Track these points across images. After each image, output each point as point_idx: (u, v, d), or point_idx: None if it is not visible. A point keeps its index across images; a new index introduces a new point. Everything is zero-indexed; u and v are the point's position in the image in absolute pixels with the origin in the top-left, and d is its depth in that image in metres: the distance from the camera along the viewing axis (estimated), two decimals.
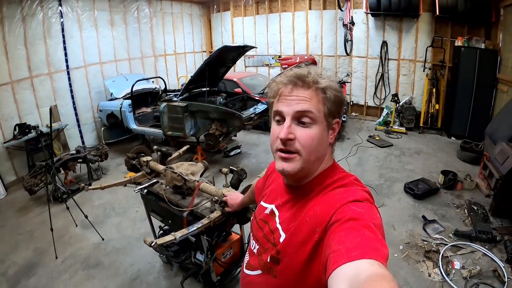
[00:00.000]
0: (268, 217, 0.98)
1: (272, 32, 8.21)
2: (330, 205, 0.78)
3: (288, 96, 0.84)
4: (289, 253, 0.84)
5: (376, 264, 0.58)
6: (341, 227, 0.70)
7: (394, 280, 0.54)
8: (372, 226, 0.69)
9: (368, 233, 0.66)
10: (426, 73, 6.19)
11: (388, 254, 0.64)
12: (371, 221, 0.70)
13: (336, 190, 0.84)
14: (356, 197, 0.78)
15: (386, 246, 0.66)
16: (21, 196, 4.43)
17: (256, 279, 0.96)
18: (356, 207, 0.75)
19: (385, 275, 0.55)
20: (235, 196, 1.73)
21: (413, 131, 6.34)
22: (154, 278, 2.87)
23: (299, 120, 0.83)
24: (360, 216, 0.71)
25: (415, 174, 4.50)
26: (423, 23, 6.10)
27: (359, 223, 0.69)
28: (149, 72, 7.54)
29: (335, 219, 0.74)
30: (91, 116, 6.42)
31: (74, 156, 4.65)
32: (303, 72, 0.85)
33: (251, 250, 1.04)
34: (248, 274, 1.01)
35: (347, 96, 7.38)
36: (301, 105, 0.82)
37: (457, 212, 3.57)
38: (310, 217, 0.82)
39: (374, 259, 0.59)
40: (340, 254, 0.62)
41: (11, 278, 3.00)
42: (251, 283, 0.99)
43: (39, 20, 5.20)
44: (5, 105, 4.85)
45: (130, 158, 2.76)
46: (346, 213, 0.73)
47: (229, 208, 1.73)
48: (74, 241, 3.51)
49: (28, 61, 5.10)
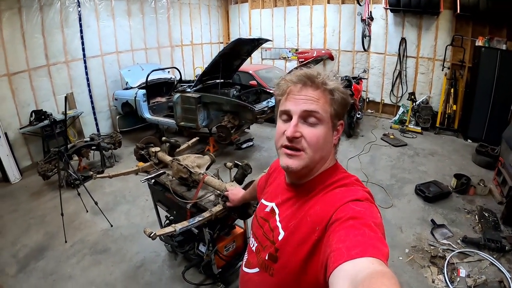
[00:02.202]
0: (269, 215, 0.98)
1: (289, 25, 8.11)
2: (331, 204, 0.79)
3: (297, 95, 0.85)
4: (288, 252, 0.84)
5: (377, 262, 0.58)
6: (341, 226, 0.70)
7: (395, 277, 0.54)
8: (373, 225, 0.69)
9: (368, 232, 0.66)
10: (445, 73, 5.99)
11: (389, 252, 0.65)
12: (372, 220, 0.71)
13: (337, 190, 0.84)
14: (357, 196, 0.79)
15: (386, 245, 0.66)
16: (35, 181, 4.57)
17: (253, 277, 0.97)
18: (356, 206, 0.75)
19: (385, 273, 0.55)
20: (237, 191, 1.73)
21: (429, 132, 6.18)
22: (158, 266, 2.93)
23: (306, 119, 0.84)
24: (361, 215, 0.71)
25: (428, 176, 4.39)
26: (443, 21, 5.89)
27: (360, 221, 0.69)
28: (165, 62, 7.58)
29: (335, 218, 0.74)
30: (106, 104, 6.54)
31: (88, 143, 4.75)
32: (313, 72, 0.86)
33: (250, 248, 1.05)
34: (246, 272, 1.02)
35: (363, 92, 7.24)
36: (308, 104, 0.83)
37: (467, 217, 3.47)
38: (311, 216, 0.82)
39: (374, 257, 0.59)
40: (341, 253, 0.62)
41: (21, 260, 3.11)
42: (249, 281, 1.00)
43: (57, 9, 5.30)
44: (22, 92, 4.99)
45: (139, 148, 2.81)
46: (347, 212, 0.73)
47: (230, 203, 1.73)
48: (84, 227, 3.61)
49: (45, 49, 5.22)
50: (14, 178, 4.72)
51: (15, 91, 4.88)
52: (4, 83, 4.75)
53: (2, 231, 3.62)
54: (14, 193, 4.47)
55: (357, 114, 5.98)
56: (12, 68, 4.81)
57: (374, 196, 0.88)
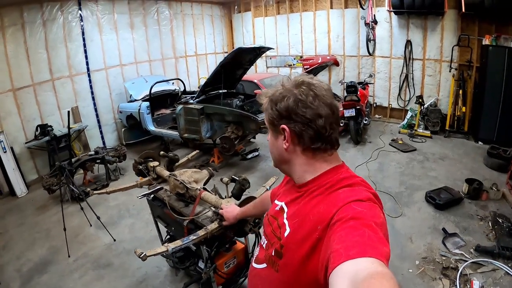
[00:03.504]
0: (278, 213, 1.01)
1: (293, 32, 8.07)
2: (333, 204, 0.79)
3: None
4: (291, 248, 0.86)
5: (377, 262, 0.58)
6: (341, 226, 0.71)
7: (394, 278, 0.54)
8: (373, 225, 0.69)
9: (368, 232, 0.66)
10: (453, 74, 5.84)
11: (389, 253, 0.64)
12: (373, 220, 0.71)
13: (341, 190, 0.84)
14: (359, 196, 0.79)
15: (387, 244, 0.66)
16: (41, 195, 4.61)
17: (261, 272, 1.01)
18: (358, 206, 0.75)
19: (385, 274, 0.55)
20: (231, 209, 1.67)
21: (439, 135, 6.01)
22: (160, 282, 2.88)
23: None
24: (361, 216, 0.72)
25: (438, 182, 4.24)
26: (448, 21, 5.76)
27: (360, 222, 0.70)
28: (170, 73, 7.62)
29: (336, 218, 0.74)
30: (112, 117, 6.58)
31: (93, 157, 4.77)
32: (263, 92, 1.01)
33: (261, 245, 1.08)
34: (255, 268, 1.06)
35: (370, 97, 7.13)
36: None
37: (480, 224, 3.32)
38: (314, 215, 0.83)
39: (374, 257, 0.59)
40: (339, 254, 0.62)
41: (25, 274, 3.13)
42: (257, 276, 1.04)
43: (60, 24, 5.39)
44: (27, 106, 5.06)
45: (138, 163, 2.77)
46: (348, 212, 0.74)
47: (226, 221, 1.67)
48: (88, 241, 3.61)
49: (49, 64, 5.31)
50: (20, 192, 4.77)
51: (20, 106, 4.96)
52: (9, 98, 4.83)
53: (8, 245, 3.66)
54: (20, 207, 4.52)
55: (364, 120, 5.87)
56: (17, 83, 4.90)
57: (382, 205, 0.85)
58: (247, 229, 1.71)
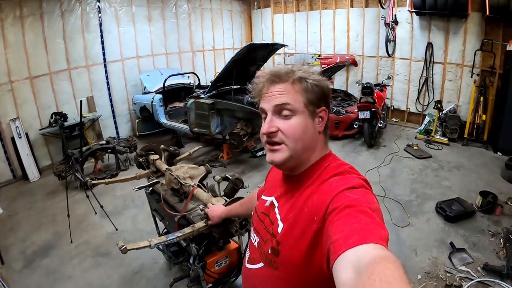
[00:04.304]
0: (269, 209, 0.99)
1: (312, 30, 7.92)
2: (327, 194, 0.79)
3: (268, 93, 0.89)
4: (289, 244, 0.84)
5: (378, 247, 0.58)
6: (338, 216, 0.70)
7: (398, 260, 0.54)
8: (369, 211, 0.69)
9: (365, 218, 0.66)
10: (474, 80, 5.56)
11: (388, 235, 0.64)
12: (368, 205, 0.71)
13: (332, 179, 0.84)
14: (352, 184, 0.79)
15: (385, 228, 0.66)
16: (52, 180, 4.73)
17: (258, 272, 0.97)
18: (351, 193, 0.75)
19: (387, 256, 0.55)
20: (216, 208, 1.64)
21: (456, 143, 5.74)
22: (154, 274, 2.90)
23: (280, 113, 0.87)
24: (356, 203, 0.71)
25: (451, 192, 4.05)
26: (472, 24, 5.48)
27: (355, 209, 0.69)
28: (186, 67, 7.64)
29: (332, 208, 0.74)
30: (126, 108, 6.68)
31: (103, 146, 4.86)
32: (276, 68, 0.90)
33: (251, 243, 1.05)
34: (250, 268, 1.03)
35: (388, 100, 6.91)
36: (278, 99, 0.86)
37: (491, 241, 3.13)
38: (308, 207, 0.83)
39: (374, 242, 0.59)
40: (339, 244, 0.62)
41: (28, 256, 3.25)
42: (254, 277, 1.00)
43: (78, 15, 5.49)
44: (43, 94, 5.21)
45: (139, 155, 2.79)
46: (343, 201, 0.73)
47: (210, 220, 1.64)
48: (91, 229, 3.69)
49: (66, 53, 5.43)
50: (33, 176, 4.93)
51: (37, 94, 5.11)
52: (26, 86, 4.98)
53: (15, 227, 3.80)
54: (31, 191, 4.66)
55: (379, 123, 5.68)
56: (34, 72, 5.04)
57: (390, 213, 0.82)
58: (233, 231, 1.67)
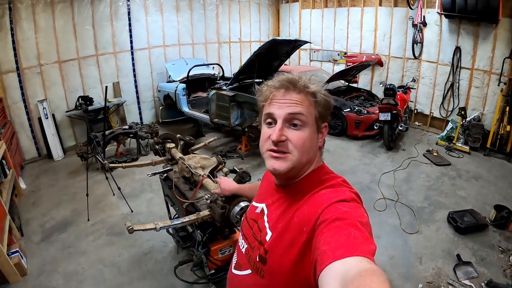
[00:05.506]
0: (258, 216, 0.99)
1: (339, 27, 7.80)
2: (317, 206, 0.79)
3: (281, 99, 0.87)
4: (277, 253, 0.85)
5: (365, 260, 0.58)
6: (327, 227, 0.71)
7: (384, 275, 0.54)
8: (358, 225, 0.69)
9: (354, 231, 0.66)
10: (501, 88, 5.33)
11: (375, 249, 0.64)
12: (357, 219, 0.71)
13: (324, 191, 0.84)
14: (343, 197, 0.79)
15: (373, 242, 0.66)
16: (75, 161, 4.98)
17: (245, 279, 0.97)
18: (342, 206, 0.75)
19: (374, 270, 0.55)
20: (229, 182, 1.66)
21: (478, 152, 5.53)
22: (163, 257, 3.05)
23: (291, 122, 0.86)
24: (346, 216, 0.72)
25: (465, 203, 3.94)
26: (502, 30, 5.21)
27: (345, 222, 0.70)
28: (212, 58, 7.74)
29: (322, 219, 0.74)
30: (151, 95, 6.89)
31: (126, 131, 5.03)
32: (295, 77, 0.89)
33: (239, 249, 1.05)
34: (236, 274, 1.02)
35: (411, 103, 6.75)
36: (293, 107, 0.85)
37: (500, 257, 3.05)
38: (298, 217, 0.83)
39: (362, 255, 0.59)
40: (327, 255, 0.62)
41: (46, 230, 3.48)
42: (240, 283, 1.00)
43: (107, 3, 5.69)
44: (71, 78, 5.47)
45: (156, 142, 2.91)
46: (333, 213, 0.73)
47: (221, 191, 1.68)
48: (108, 209, 3.88)
49: (95, 40, 5.65)
50: (57, 155, 5.22)
51: (65, 77, 5.37)
52: (55, 69, 5.25)
53: (37, 202, 4.05)
54: (55, 169, 4.94)
55: (399, 126, 5.57)
56: (63, 56, 5.29)
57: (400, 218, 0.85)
58: (234, 221, 1.74)
